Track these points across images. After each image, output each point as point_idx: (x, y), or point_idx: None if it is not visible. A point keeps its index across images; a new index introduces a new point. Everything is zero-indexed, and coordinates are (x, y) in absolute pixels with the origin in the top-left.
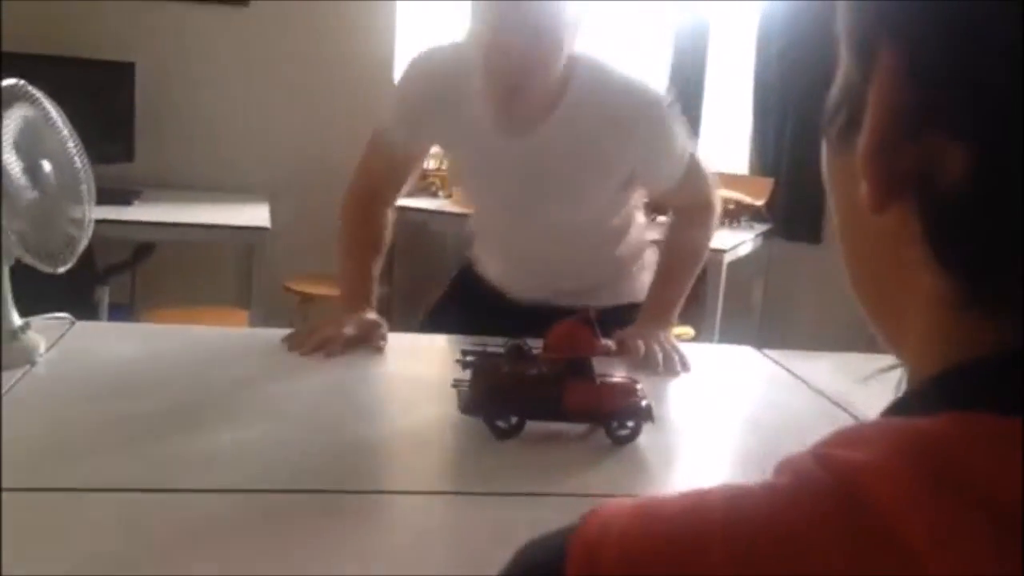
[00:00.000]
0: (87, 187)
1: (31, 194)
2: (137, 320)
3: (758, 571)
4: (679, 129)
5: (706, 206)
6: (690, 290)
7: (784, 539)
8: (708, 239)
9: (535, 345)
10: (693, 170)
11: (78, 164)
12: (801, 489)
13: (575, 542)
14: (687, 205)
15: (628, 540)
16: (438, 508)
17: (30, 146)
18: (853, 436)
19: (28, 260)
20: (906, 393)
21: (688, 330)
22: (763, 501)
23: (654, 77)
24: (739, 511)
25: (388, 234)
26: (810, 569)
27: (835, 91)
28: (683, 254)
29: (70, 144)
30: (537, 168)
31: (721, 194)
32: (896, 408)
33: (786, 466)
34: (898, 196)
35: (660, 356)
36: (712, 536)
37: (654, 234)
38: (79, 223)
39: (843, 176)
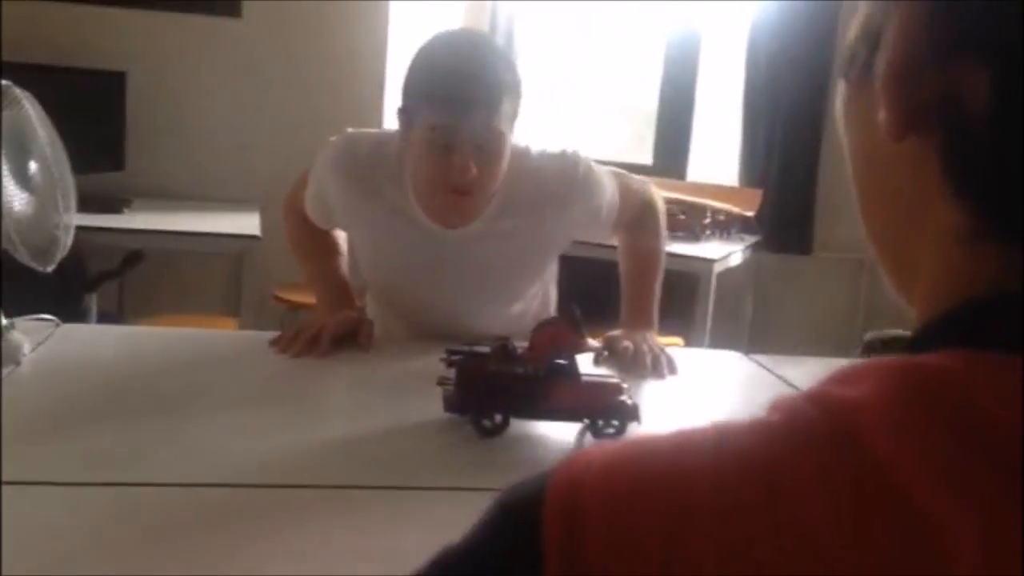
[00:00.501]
0: (69, 190)
1: (21, 195)
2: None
3: (744, 503)
4: (602, 174)
5: (646, 208)
6: (680, 301)
7: (772, 472)
8: (661, 236)
9: (520, 344)
10: (623, 193)
11: (60, 167)
12: (791, 424)
13: (557, 475)
14: (631, 224)
15: (611, 471)
16: (421, 504)
17: (17, 147)
18: (848, 374)
19: (20, 256)
20: (915, 333)
21: (677, 340)
22: (752, 436)
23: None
24: (728, 445)
25: (341, 238)
26: (798, 502)
27: (855, 32)
28: (642, 258)
29: (52, 147)
30: (476, 261)
31: (711, 205)
32: (908, 348)
33: (778, 404)
34: (917, 123)
35: (648, 359)
36: (699, 468)
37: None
38: (61, 226)
39: (861, 111)
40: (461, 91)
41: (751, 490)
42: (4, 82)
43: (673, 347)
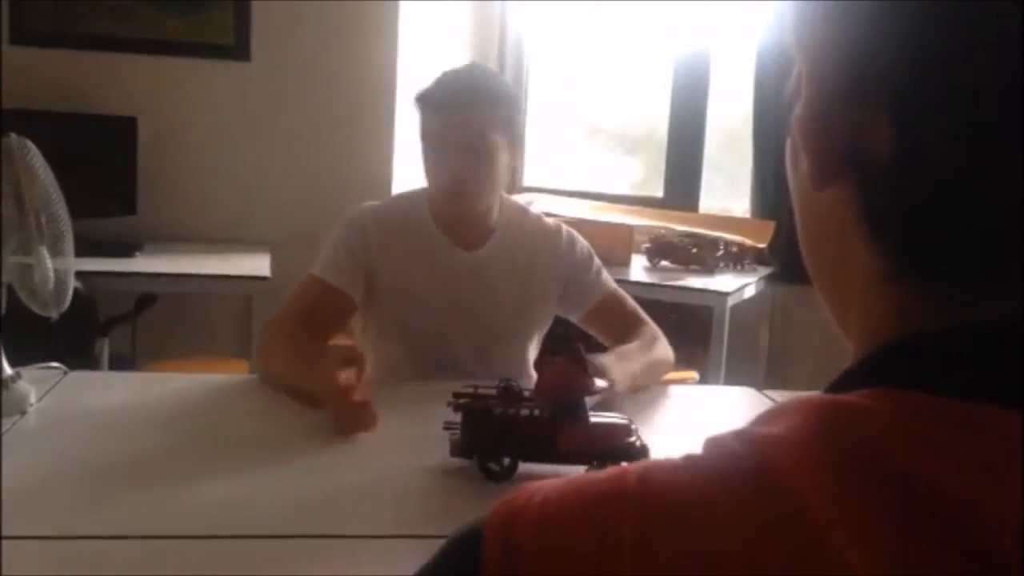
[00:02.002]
0: (68, 235)
1: (39, 248)
2: (138, 372)
3: (665, 531)
4: (585, 246)
5: (644, 324)
6: (695, 335)
7: (691, 502)
8: (669, 351)
9: (526, 386)
10: (617, 290)
11: (60, 211)
12: (713, 459)
13: (500, 508)
14: (628, 324)
15: (547, 504)
16: (429, 552)
17: (25, 197)
18: (775, 412)
19: (30, 304)
20: (841, 373)
21: (692, 374)
22: (677, 470)
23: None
24: (654, 478)
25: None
26: (715, 530)
27: (791, 82)
28: (657, 347)
29: (52, 192)
30: (484, 276)
31: (724, 237)
32: (831, 388)
33: (709, 440)
34: (837, 172)
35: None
36: (625, 498)
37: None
38: (64, 272)
39: (795, 162)
40: (445, 95)
41: (674, 523)
42: (16, 137)
43: (689, 383)
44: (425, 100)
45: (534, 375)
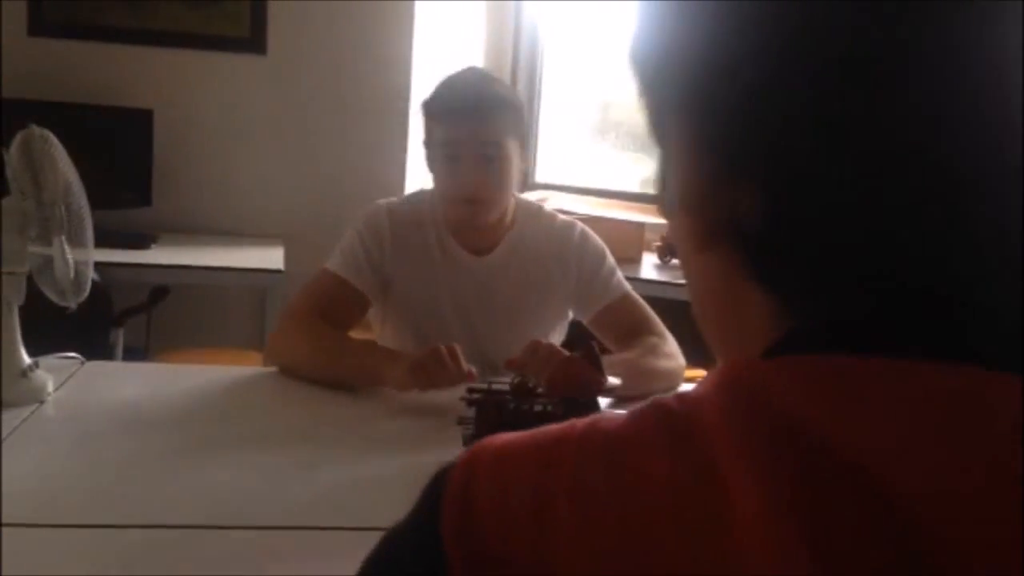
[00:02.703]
0: (88, 226)
1: (59, 238)
2: (152, 363)
3: (598, 464)
4: (598, 242)
5: (657, 333)
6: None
7: (620, 440)
8: (670, 363)
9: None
10: (630, 295)
11: (80, 202)
12: (647, 411)
13: (469, 450)
14: (635, 330)
15: (505, 444)
16: None
17: (46, 188)
18: (708, 375)
19: (49, 294)
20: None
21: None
22: (618, 419)
23: None
24: (596, 425)
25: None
26: (634, 467)
27: (659, 167)
28: (670, 359)
29: (73, 183)
30: (494, 282)
31: None
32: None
33: (655, 399)
34: (715, 237)
35: None
36: (570, 439)
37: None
38: (83, 263)
39: (674, 226)
40: (457, 104)
41: (605, 459)
42: (38, 128)
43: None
44: (436, 109)
45: None
